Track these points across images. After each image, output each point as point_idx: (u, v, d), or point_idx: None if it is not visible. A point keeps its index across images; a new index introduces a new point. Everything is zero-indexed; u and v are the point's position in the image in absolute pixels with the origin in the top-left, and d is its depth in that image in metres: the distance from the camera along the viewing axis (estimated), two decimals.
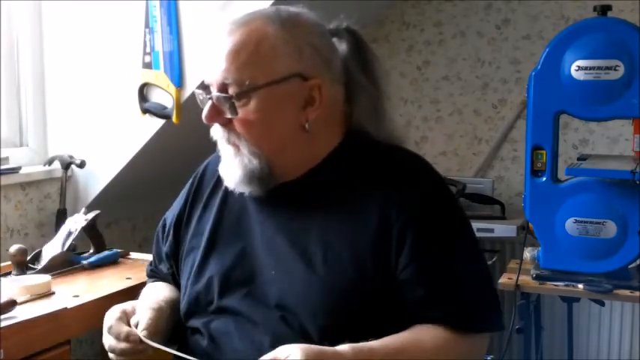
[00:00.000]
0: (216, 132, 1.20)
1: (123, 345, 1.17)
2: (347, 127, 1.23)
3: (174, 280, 1.37)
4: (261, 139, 1.16)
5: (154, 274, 1.43)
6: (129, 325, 1.20)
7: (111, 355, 1.21)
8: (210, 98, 1.17)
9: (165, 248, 1.37)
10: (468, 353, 1.15)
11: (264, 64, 1.14)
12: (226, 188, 1.27)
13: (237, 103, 1.14)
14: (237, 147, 1.18)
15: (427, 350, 1.10)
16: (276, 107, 1.15)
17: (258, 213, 1.23)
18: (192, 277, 1.27)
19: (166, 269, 1.38)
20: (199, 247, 1.27)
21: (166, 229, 1.38)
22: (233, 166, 1.19)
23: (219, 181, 1.30)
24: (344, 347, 1.05)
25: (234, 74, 1.14)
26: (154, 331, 1.18)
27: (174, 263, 1.35)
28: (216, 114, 1.17)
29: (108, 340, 1.20)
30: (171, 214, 1.38)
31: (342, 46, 1.23)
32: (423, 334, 1.12)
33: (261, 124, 1.15)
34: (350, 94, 1.22)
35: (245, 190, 1.20)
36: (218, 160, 1.28)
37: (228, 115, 1.16)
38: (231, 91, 1.14)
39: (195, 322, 1.24)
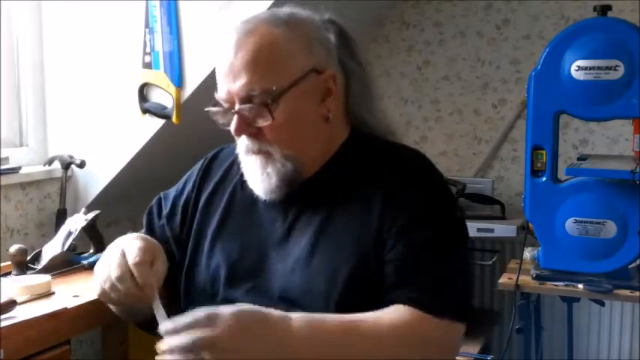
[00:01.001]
0: (242, 145, 1.21)
1: (133, 291, 1.12)
2: (349, 116, 1.26)
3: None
4: (292, 140, 1.18)
5: None
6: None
7: (108, 284, 1.15)
8: (235, 112, 1.17)
9: (169, 232, 1.36)
10: (430, 335, 1.11)
11: (283, 66, 1.16)
12: (237, 180, 1.28)
13: (272, 108, 1.15)
14: (268, 154, 1.19)
15: (384, 326, 1.07)
16: (302, 105, 1.18)
17: (268, 208, 1.25)
18: (198, 264, 1.27)
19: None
20: (206, 236, 1.28)
21: (166, 209, 1.37)
22: (266, 175, 1.19)
23: (229, 171, 1.31)
24: (296, 314, 1.06)
25: (259, 83, 1.14)
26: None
27: (176, 246, 1.34)
28: (245, 126, 1.17)
29: (119, 273, 1.13)
30: (172, 194, 1.38)
31: (330, 37, 1.25)
32: (384, 312, 1.10)
33: (291, 125, 1.17)
34: (346, 81, 1.24)
35: (275, 196, 1.21)
36: (232, 152, 1.29)
37: (262, 124, 1.16)
38: (259, 100, 1.15)
39: None
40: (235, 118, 1.17)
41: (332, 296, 1.13)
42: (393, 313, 1.09)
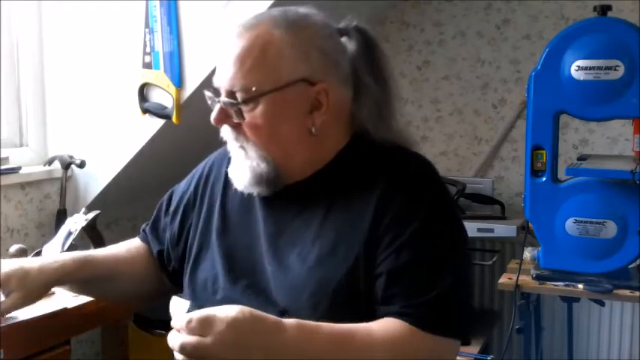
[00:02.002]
0: (226, 133, 1.21)
1: None
2: (353, 128, 1.23)
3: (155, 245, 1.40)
4: (268, 143, 1.17)
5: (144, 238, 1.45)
6: None
7: None
8: (218, 102, 1.17)
9: (169, 232, 1.37)
10: (424, 352, 1.08)
11: (270, 69, 1.14)
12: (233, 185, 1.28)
13: (244, 109, 1.15)
14: (245, 150, 1.18)
15: (376, 339, 1.06)
16: (283, 112, 1.16)
17: (264, 209, 1.24)
18: (202, 262, 1.27)
19: (156, 241, 1.39)
20: (211, 235, 1.28)
21: (172, 205, 1.38)
22: (242, 169, 1.20)
23: (224, 179, 1.31)
24: (289, 320, 1.04)
25: (240, 81, 1.14)
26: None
27: (171, 248, 1.36)
28: (224, 117, 1.18)
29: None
30: (181, 190, 1.39)
31: (350, 46, 1.22)
32: (377, 325, 1.08)
33: (268, 128, 1.16)
34: (356, 94, 1.21)
35: (254, 191, 1.22)
36: (223, 156, 1.31)
37: (235, 120, 1.17)
38: (239, 97, 1.15)
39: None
40: (216, 107, 1.18)
41: (319, 308, 1.11)
42: (386, 327, 1.08)
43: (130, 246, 1.43)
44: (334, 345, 1.05)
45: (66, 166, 2.36)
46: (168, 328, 1.05)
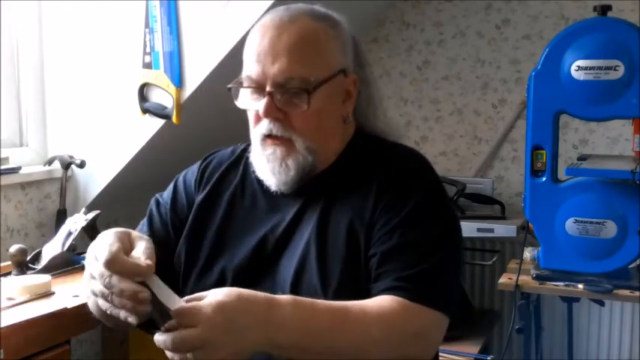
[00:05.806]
0: (263, 130, 1.19)
1: (124, 302, 0.99)
2: (355, 117, 1.27)
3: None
4: (316, 133, 1.19)
5: None
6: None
7: (92, 293, 1.04)
8: (268, 93, 1.16)
9: (171, 220, 1.34)
10: (414, 325, 1.10)
11: (323, 59, 1.18)
12: (237, 182, 1.28)
13: (298, 99, 1.16)
14: (290, 144, 1.18)
15: (369, 315, 1.07)
16: (329, 102, 1.19)
17: (268, 207, 1.24)
18: (199, 271, 1.25)
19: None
20: (204, 241, 1.26)
21: (166, 210, 1.35)
22: (285, 166, 1.19)
23: (226, 175, 1.30)
24: (285, 297, 1.04)
25: (299, 71, 1.15)
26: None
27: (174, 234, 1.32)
28: (275, 109, 1.17)
29: (97, 284, 1.00)
30: (168, 198, 1.36)
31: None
32: (371, 301, 1.10)
33: (319, 117, 1.18)
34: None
35: (287, 189, 1.21)
36: (229, 155, 1.31)
37: (294, 109, 1.16)
38: (295, 86, 1.15)
39: None
40: (266, 98, 1.16)
41: (329, 295, 1.12)
42: (379, 303, 1.09)
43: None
44: (331, 321, 1.05)
45: (66, 166, 2.36)
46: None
